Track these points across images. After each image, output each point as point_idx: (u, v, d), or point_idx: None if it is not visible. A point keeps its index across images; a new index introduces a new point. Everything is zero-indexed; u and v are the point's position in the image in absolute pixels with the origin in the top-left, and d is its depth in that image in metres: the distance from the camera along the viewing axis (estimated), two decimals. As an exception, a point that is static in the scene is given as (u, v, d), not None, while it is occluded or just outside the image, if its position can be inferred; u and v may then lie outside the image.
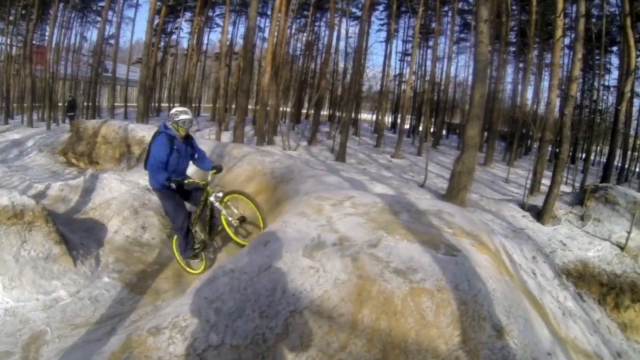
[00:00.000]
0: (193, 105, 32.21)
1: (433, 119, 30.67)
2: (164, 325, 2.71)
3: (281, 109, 27.39)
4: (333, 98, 34.70)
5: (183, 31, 37.99)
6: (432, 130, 29.03)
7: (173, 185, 4.71)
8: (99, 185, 7.69)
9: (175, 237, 5.53)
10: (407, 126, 33.73)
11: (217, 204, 4.98)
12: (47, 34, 28.84)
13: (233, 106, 27.02)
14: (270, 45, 18.18)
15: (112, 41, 30.77)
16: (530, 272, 6.25)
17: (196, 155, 5.38)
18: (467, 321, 2.77)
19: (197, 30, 30.42)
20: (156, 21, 25.74)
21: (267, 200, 6.42)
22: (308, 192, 5.30)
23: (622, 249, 7.48)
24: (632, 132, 29.90)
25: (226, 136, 18.56)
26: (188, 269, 5.60)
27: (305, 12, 31.25)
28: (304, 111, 35.01)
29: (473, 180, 10.40)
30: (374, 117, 34.23)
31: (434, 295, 2.87)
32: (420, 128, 26.55)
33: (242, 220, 5.08)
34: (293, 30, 31.32)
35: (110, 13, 29.06)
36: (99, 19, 30.32)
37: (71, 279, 5.09)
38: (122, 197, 7.24)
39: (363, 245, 3.24)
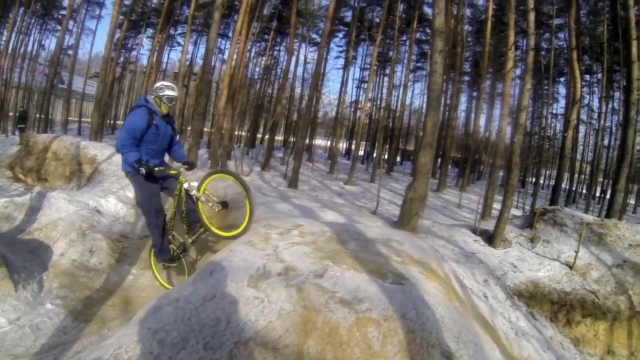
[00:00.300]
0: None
1: (387, 146, 31.26)
2: (105, 357, 2.61)
3: (236, 132, 27.26)
4: (288, 123, 34.64)
5: (144, 48, 37.20)
6: (386, 156, 29.56)
7: (143, 171, 4.28)
8: (46, 204, 7.33)
9: (152, 245, 5.10)
10: (361, 153, 34.24)
11: (194, 192, 4.57)
12: (3, 38, 27.89)
13: (189, 128, 26.64)
14: (229, 68, 18.00)
15: (70, 52, 30.00)
16: (482, 296, 6.39)
17: (177, 138, 5.05)
18: (415, 349, 2.79)
19: (157, 47, 30.06)
20: (117, 35, 25.26)
21: (218, 227, 6.35)
22: (257, 219, 5.24)
23: (570, 267, 7.78)
24: (578, 157, 31.51)
25: None
26: (166, 284, 5.21)
27: (266, 36, 31.34)
28: (259, 136, 34.78)
29: (425, 206, 10.60)
30: (329, 143, 34.46)
31: (381, 324, 2.88)
32: (375, 154, 26.93)
33: (224, 205, 4.67)
34: (252, 54, 31.39)
35: (71, 23, 28.38)
36: (58, 27, 29.56)
37: (11, 305, 4.79)
38: (70, 218, 6.95)
39: (309, 275, 3.24)
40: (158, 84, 4.68)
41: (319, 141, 38.50)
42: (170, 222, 5.02)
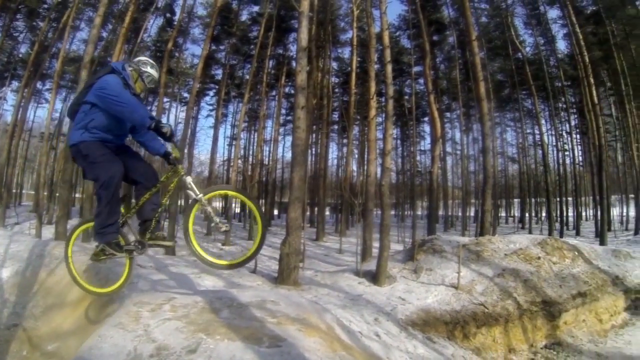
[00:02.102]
0: (14, 191, 28.58)
1: (263, 200, 31.45)
2: None
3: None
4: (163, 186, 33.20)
5: (7, 103, 33.10)
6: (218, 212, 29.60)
7: (164, 130, 3.36)
8: None
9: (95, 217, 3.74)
10: (237, 210, 34.04)
11: (200, 196, 3.54)
12: None
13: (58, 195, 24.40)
14: None
15: None
16: (374, 335, 6.45)
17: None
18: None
19: (22, 103, 27.05)
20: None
21: (92, 307, 5.80)
22: (131, 295, 4.93)
23: (456, 288, 8.35)
24: (450, 184, 34.63)
25: (50, 231, 16.03)
26: (92, 287, 4.14)
27: (139, 94, 30.09)
28: (133, 201, 32.79)
29: (305, 257, 10.71)
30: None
31: (260, 392, 2.81)
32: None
33: (229, 227, 3.81)
34: (125, 114, 29.95)
35: None
36: None
37: None
38: None
39: (181, 353, 3.10)
40: (141, 57, 3.95)
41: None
42: (131, 210, 3.98)
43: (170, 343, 3.24)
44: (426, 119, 31.52)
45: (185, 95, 30.74)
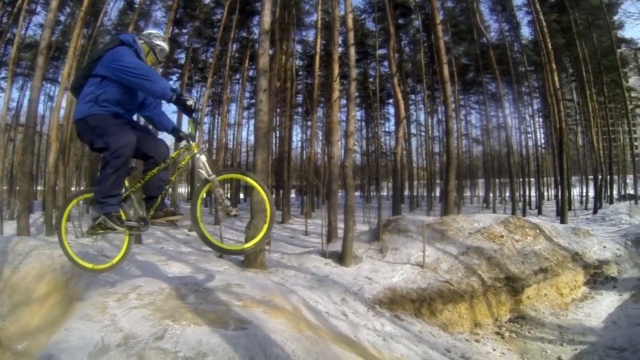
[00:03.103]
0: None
1: (228, 184, 31.30)
2: None
3: (74, 188, 24.74)
4: (127, 174, 32.49)
5: None
6: (228, 195, 29.47)
7: (189, 103, 3.02)
8: None
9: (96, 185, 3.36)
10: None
11: (212, 176, 3.21)
12: None
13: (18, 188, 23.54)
14: (56, 118, 16.03)
15: None
16: (341, 315, 6.58)
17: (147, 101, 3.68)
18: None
19: None
20: None
21: (60, 301, 5.71)
22: (98, 286, 4.90)
23: (421, 266, 8.66)
24: (415, 165, 35.12)
25: (12, 226, 15.28)
26: (84, 262, 3.70)
27: (99, 80, 28.99)
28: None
29: (272, 240, 10.72)
30: (169, 190, 33.40)
31: (228, 374, 2.89)
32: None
33: (237, 211, 3.48)
34: (85, 101, 28.91)
35: None
36: None
37: None
38: None
39: (149, 340, 3.14)
40: (151, 31, 3.71)
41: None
42: (136, 184, 3.59)
43: (137, 331, 3.28)
44: (391, 100, 31.83)
45: (147, 79, 29.75)
